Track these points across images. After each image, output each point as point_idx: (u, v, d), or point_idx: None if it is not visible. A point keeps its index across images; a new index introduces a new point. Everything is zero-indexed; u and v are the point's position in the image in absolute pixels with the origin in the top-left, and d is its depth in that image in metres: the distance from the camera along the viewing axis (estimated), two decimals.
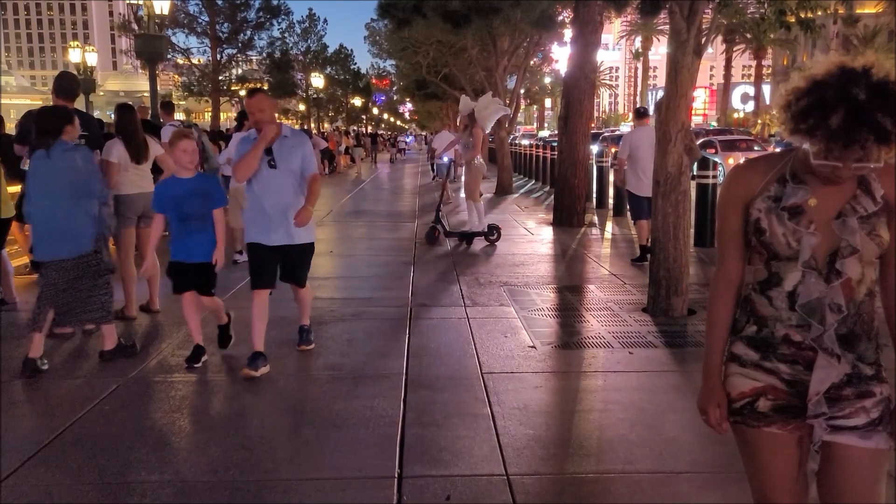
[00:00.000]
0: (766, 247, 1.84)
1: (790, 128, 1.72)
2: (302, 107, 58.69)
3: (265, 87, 48.29)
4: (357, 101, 66.06)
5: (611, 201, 14.36)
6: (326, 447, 3.67)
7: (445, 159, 11.87)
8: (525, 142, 31.91)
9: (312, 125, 55.04)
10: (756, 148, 22.91)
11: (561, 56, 27.58)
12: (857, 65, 1.66)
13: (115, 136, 6.08)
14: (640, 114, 9.44)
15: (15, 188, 7.54)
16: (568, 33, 17.15)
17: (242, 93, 46.01)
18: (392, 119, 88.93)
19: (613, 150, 16.10)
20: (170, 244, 4.92)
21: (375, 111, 79.07)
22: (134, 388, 4.53)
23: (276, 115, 5.18)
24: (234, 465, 3.48)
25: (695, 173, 8.65)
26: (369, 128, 73.22)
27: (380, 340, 5.60)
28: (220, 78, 41.88)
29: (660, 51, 71.12)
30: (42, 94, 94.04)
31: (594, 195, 14.92)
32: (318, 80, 49.89)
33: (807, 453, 1.89)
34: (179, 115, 25.58)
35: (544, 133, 57.74)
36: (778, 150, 2.45)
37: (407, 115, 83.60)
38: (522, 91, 29.02)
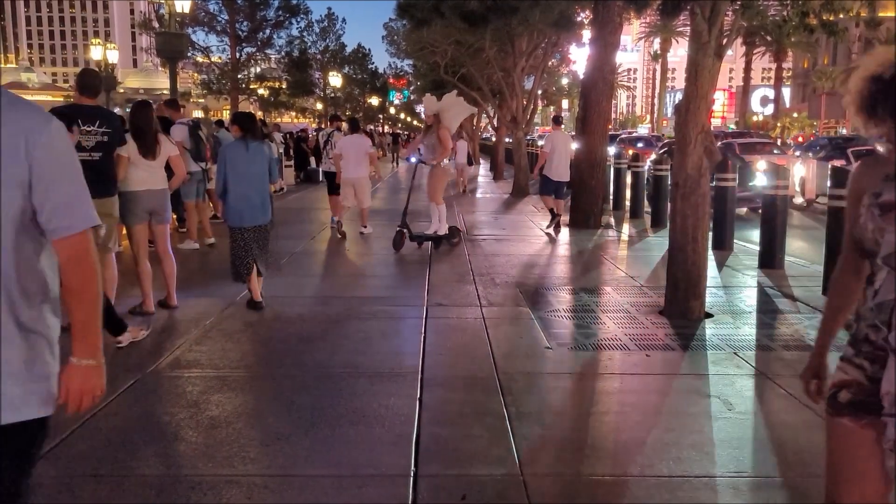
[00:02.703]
0: (860, 242, 1.85)
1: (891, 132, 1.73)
2: (319, 105, 58.92)
3: (283, 86, 48.62)
4: (374, 101, 66.17)
5: (627, 203, 14.29)
6: (343, 444, 3.68)
7: (413, 160, 11.37)
8: (542, 142, 31.78)
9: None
10: (775, 151, 22.67)
11: (579, 57, 27.53)
12: None
13: (129, 132, 6.16)
14: (557, 121, 12.69)
15: None
16: (587, 34, 17.08)
17: (261, 91, 46.37)
18: (409, 119, 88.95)
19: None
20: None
21: (392, 111, 79.15)
22: (151, 383, 4.56)
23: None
24: (250, 461, 3.50)
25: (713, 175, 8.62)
26: (386, 127, 73.27)
27: (396, 339, 5.61)
28: (239, 76, 42.13)
29: (678, 52, 70.70)
30: (63, 91, 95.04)
31: (611, 197, 14.85)
32: (335, 80, 50.06)
33: (882, 453, 1.85)
34: (198, 112, 25.62)
35: None
36: (797, 153, 2.42)
37: (423, 115, 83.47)
38: (540, 92, 28.90)
